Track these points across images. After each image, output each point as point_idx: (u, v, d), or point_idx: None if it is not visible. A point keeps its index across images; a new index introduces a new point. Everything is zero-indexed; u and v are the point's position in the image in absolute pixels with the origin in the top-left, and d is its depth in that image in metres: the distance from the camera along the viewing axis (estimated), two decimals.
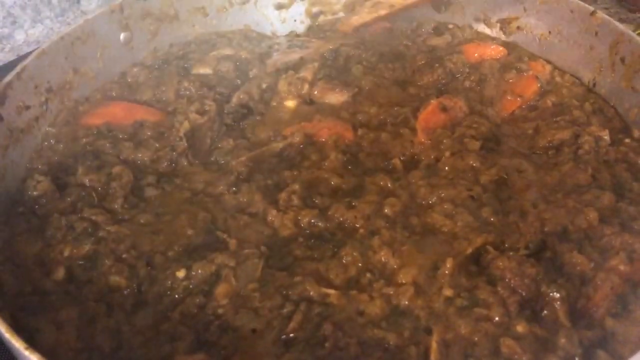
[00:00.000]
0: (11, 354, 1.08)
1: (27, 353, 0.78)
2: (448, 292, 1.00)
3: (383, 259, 1.05)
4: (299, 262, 1.06)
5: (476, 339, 0.93)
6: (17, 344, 0.79)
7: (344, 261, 1.05)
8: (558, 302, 0.96)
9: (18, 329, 0.84)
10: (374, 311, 0.98)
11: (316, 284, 1.01)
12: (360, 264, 1.05)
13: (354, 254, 1.06)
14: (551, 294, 0.97)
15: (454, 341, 0.93)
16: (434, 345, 0.92)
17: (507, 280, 0.99)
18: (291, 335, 0.95)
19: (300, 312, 0.97)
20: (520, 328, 0.94)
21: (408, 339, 0.95)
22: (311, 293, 1.00)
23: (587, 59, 1.46)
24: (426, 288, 1.01)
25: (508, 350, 0.91)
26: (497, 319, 0.95)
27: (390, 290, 1.00)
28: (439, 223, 1.11)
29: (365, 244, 1.08)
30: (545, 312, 0.97)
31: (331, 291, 1.00)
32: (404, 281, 1.02)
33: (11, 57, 2.05)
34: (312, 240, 1.10)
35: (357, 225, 1.12)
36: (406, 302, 0.99)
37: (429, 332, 0.95)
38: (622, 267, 1.00)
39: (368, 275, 1.04)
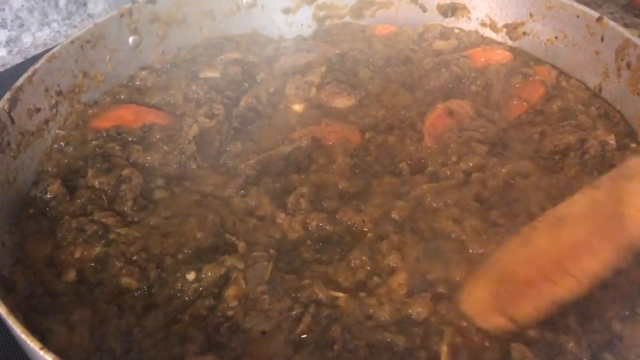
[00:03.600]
0: (21, 354, 1.10)
1: (42, 353, 0.78)
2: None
3: (392, 264, 1.06)
4: (308, 265, 1.07)
5: (487, 344, 0.94)
6: (32, 344, 0.80)
7: (352, 264, 1.06)
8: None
9: (31, 330, 0.84)
10: (382, 315, 0.98)
11: (325, 287, 1.02)
12: (368, 268, 1.06)
13: (363, 257, 1.06)
14: None
15: (465, 345, 0.93)
16: (444, 349, 0.92)
17: None
18: (300, 337, 0.96)
19: (309, 314, 0.97)
20: (531, 332, 0.94)
21: (418, 342, 0.95)
22: (320, 296, 1.01)
23: (593, 64, 1.47)
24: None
25: (519, 355, 0.91)
26: None
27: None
28: (447, 229, 1.11)
29: (374, 248, 1.08)
30: (555, 317, 0.97)
31: (340, 294, 1.01)
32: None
33: (19, 59, 2.07)
34: (321, 244, 1.11)
35: (365, 230, 1.12)
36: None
37: (439, 335, 0.96)
38: (630, 271, 1.00)
39: (375, 279, 1.04)
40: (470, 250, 1.07)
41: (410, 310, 0.99)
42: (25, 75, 1.26)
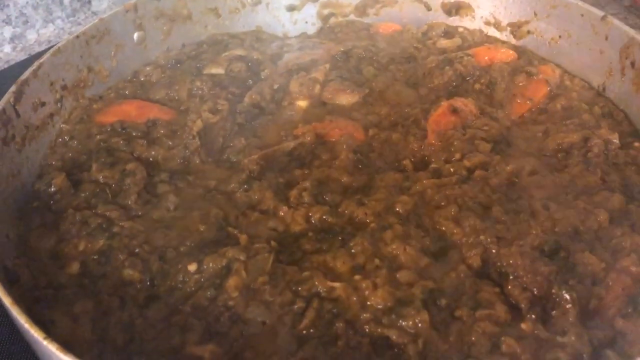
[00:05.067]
0: (23, 345, 1.10)
1: (45, 343, 0.79)
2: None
3: (394, 252, 1.06)
4: (308, 256, 1.07)
5: (473, 338, 0.94)
6: (36, 334, 0.80)
7: (352, 251, 1.06)
8: (569, 305, 0.96)
9: (34, 321, 0.84)
10: (376, 302, 0.97)
11: (323, 278, 1.01)
12: (369, 253, 1.06)
13: (365, 244, 1.06)
14: (563, 295, 0.97)
15: (454, 338, 0.94)
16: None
17: (519, 277, 1.00)
18: (303, 332, 0.96)
19: (313, 309, 0.97)
20: (524, 326, 0.94)
21: (408, 333, 0.94)
22: (320, 288, 1.00)
23: (597, 63, 1.47)
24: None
25: (508, 349, 0.91)
26: (500, 317, 0.96)
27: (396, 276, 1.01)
28: (449, 231, 1.11)
29: (376, 236, 1.08)
30: (555, 312, 0.97)
31: (336, 284, 1.01)
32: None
33: (23, 56, 2.08)
34: (322, 234, 1.11)
35: (368, 221, 1.12)
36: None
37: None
38: (633, 268, 1.00)
39: (377, 261, 1.04)
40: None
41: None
42: (30, 69, 1.27)
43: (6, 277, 1.00)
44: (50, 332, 0.87)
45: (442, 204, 1.15)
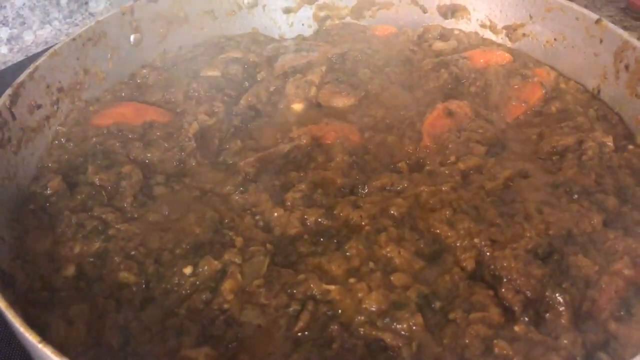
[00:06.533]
0: (19, 349, 1.11)
1: (40, 346, 0.79)
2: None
3: (389, 255, 1.06)
4: (303, 259, 1.08)
5: (467, 340, 0.94)
6: (31, 337, 0.80)
7: (347, 254, 1.07)
8: (562, 307, 0.97)
9: (29, 325, 0.84)
10: (371, 304, 0.98)
11: (318, 281, 1.02)
12: (364, 256, 1.06)
13: (359, 247, 1.07)
14: (556, 298, 0.98)
15: (448, 340, 0.95)
16: None
17: (512, 280, 1.00)
18: (298, 334, 0.96)
19: (308, 311, 0.98)
20: (517, 329, 0.95)
21: (403, 336, 0.95)
22: (315, 291, 1.01)
23: (592, 66, 1.48)
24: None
25: (500, 352, 0.92)
26: (493, 320, 0.96)
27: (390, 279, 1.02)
28: (443, 234, 1.11)
29: (371, 239, 1.09)
30: (548, 314, 0.98)
31: (331, 287, 1.01)
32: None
33: (20, 57, 2.08)
34: (317, 237, 1.12)
35: (363, 223, 1.13)
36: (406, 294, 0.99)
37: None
38: (626, 271, 1.01)
39: (371, 264, 1.05)
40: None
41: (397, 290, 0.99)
42: (26, 72, 1.27)
43: (2, 279, 1.00)
44: (45, 335, 0.87)
45: (437, 206, 1.15)
